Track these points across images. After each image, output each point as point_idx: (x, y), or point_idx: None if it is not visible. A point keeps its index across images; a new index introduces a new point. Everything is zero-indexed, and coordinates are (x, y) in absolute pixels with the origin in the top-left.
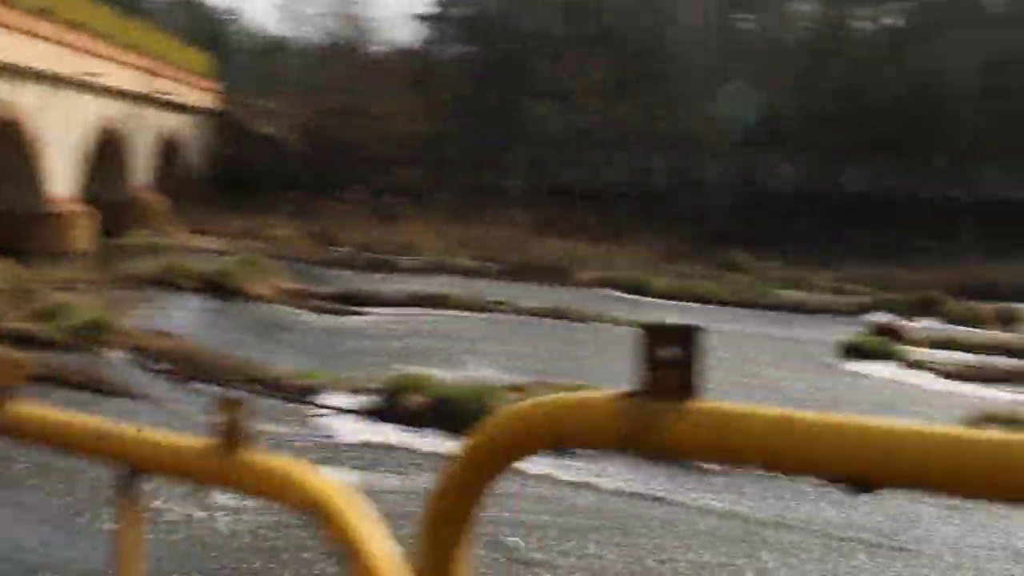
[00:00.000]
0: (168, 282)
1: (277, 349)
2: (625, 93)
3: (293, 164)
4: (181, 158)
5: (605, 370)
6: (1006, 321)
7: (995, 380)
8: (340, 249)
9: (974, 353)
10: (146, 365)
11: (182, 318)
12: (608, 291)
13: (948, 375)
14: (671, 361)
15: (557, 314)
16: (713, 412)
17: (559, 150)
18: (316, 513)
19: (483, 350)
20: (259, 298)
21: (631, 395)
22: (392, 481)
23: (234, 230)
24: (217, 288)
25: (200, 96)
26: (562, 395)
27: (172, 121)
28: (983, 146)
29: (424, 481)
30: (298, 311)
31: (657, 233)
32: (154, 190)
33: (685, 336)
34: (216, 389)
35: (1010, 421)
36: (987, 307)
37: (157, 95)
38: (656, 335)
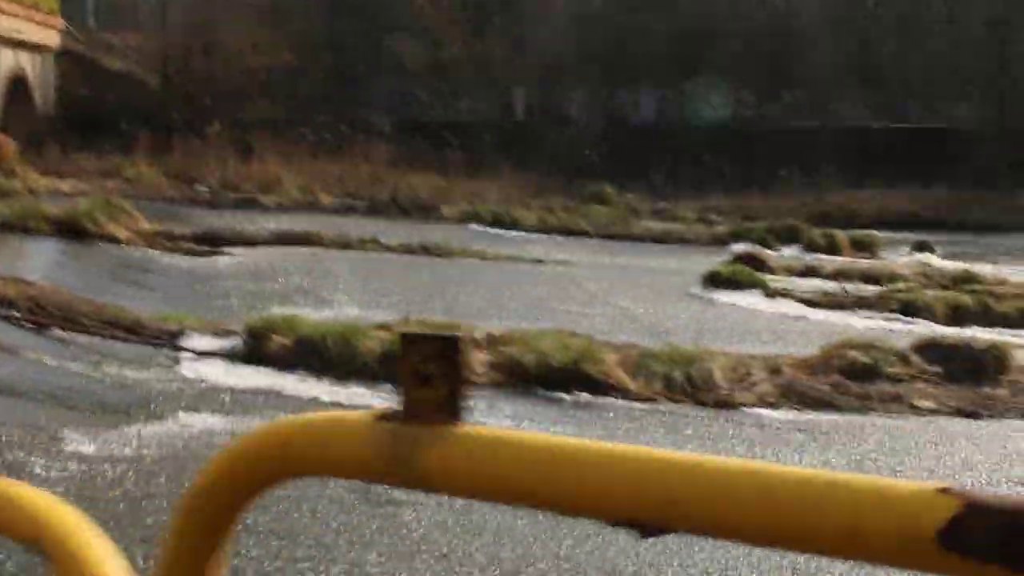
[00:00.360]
0: (21, 226)
1: (138, 292)
2: (483, 27)
3: (149, 101)
4: (30, 98)
5: (471, 305)
6: (863, 248)
7: (853, 307)
8: (201, 188)
9: (834, 280)
10: (0, 313)
11: (37, 263)
12: (475, 226)
13: (809, 303)
14: (432, 377)
15: (424, 250)
16: (479, 439)
17: (420, 85)
18: (42, 543)
19: (350, 288)
20: (118, 240)
21: (388, 417)
22: (256, 424)
23: (90, 171)
24: (73, 231)
25: (48, 34)
26: (312, 415)
27: (18, 60)
28: (837, 79)
29: None
30: (159, 252)
31: (522, 167)
32: (2, 132)
33: (448, 348)
34: (76, 336)
35: (867, 347)
36: (845, 235)
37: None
38: (415, 346)
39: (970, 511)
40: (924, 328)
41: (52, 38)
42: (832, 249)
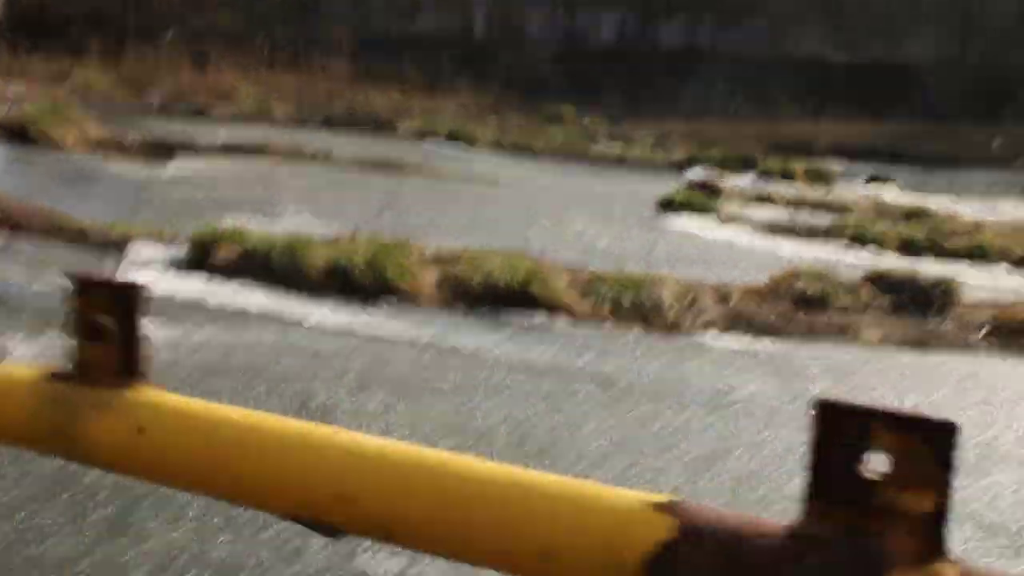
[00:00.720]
0: None
1: (85, 200)
2: None
3: (102, 6)
4: None
5: (422, 222)
6: (817, 178)
7: (804, 236)
8: (154, 95)
9: (787, 209)
10: None
11: None
12: (430, 143)
13: (761, 231)
14: (106, 331)
15: (378, 166)
16: (152, 407)
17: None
18: None
19: (302, 201)
20: (66, 146)
21: (55, 376)
22: (199, 336)
23: (39, 75)
24: (20, 135)
25: None
26: None
27: None
28: (798, 10)
29: (230, 336)
30: (108, 160)
31: (480, 85)
32: None
33: (123, 297)
34: (19, 242)
35: (816, 277)
36: (799, 164)
37: None
38: (87, 294)
39: (686, 534)
40: (874, 260)
41: None
42: (787, 178)
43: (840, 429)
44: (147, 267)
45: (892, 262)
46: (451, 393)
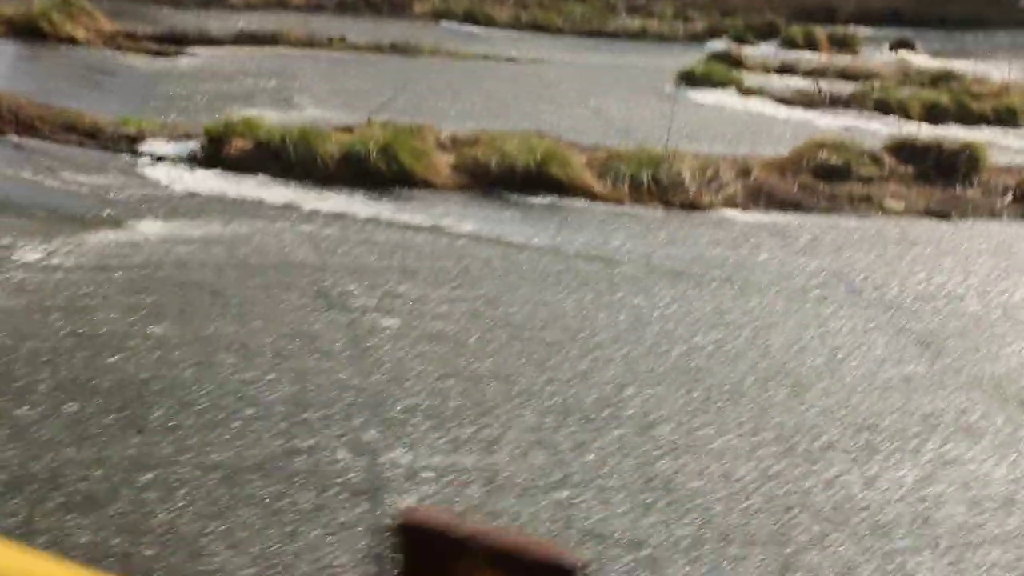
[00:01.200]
0: None
1: (98, 96)
2: None
3: None
4: None
5: (439, 106)
6: (842, 45)
7: (828, 105)
8: None
9: (811, 78)
10: None
11: None
12: (447, 23)
13: (783, 101)
14: None
15: (393, 49)
16: None
17: None
18: None
19: (316, 89)
20: (77, 41)
21: None
22: (216, 231)
23: None
24: (29, 32)
25: None
26: None
27: None
28: None
29: (247, 228)
30: (119, 53)
31: None
32: None
33: None
34: (31, 142)
35: (839, 147)
36: (824, 31)
37: None
38: None
39: None
40: (899, 127)
41: None
42: (810, 46)
43: (430, 562)
44: (160, 162)
45: (917, 128)
46: (477, 278)
